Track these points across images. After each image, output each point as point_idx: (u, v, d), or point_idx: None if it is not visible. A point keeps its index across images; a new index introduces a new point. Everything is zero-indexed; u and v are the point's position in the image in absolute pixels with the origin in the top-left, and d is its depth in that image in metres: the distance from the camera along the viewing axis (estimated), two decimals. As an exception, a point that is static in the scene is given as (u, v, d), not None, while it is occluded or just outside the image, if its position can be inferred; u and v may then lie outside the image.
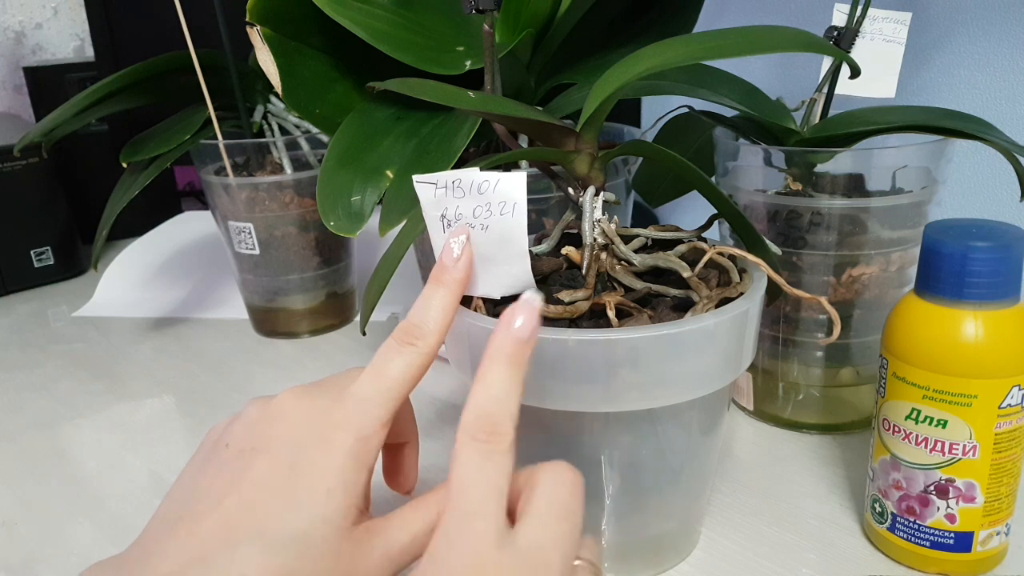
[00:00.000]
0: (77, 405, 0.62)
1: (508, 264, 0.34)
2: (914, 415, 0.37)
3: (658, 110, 0.61)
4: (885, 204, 0.46)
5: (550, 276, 0.38)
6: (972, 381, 0.35)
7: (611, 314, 0.34)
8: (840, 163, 0.47)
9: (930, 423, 0.36)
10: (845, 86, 0.50)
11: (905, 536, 0.39)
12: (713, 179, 0.53)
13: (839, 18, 0.49)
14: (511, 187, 0.32)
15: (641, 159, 0.62)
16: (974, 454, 0.36)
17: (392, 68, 0.47)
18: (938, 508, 0.37)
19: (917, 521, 0.38)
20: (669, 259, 0.36)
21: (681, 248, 0.38)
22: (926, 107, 0.49)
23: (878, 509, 0.40)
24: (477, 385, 0.28)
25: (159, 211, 0.96)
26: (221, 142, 0.65)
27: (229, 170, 0.66)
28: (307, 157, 0.68)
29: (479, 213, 0.33)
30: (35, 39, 1.12)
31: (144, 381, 0.65)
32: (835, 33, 0.49)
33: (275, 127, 0.69)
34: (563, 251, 0.38)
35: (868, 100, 0.50)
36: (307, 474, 0.28)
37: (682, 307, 0.36)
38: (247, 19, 0.50)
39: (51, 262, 0.89)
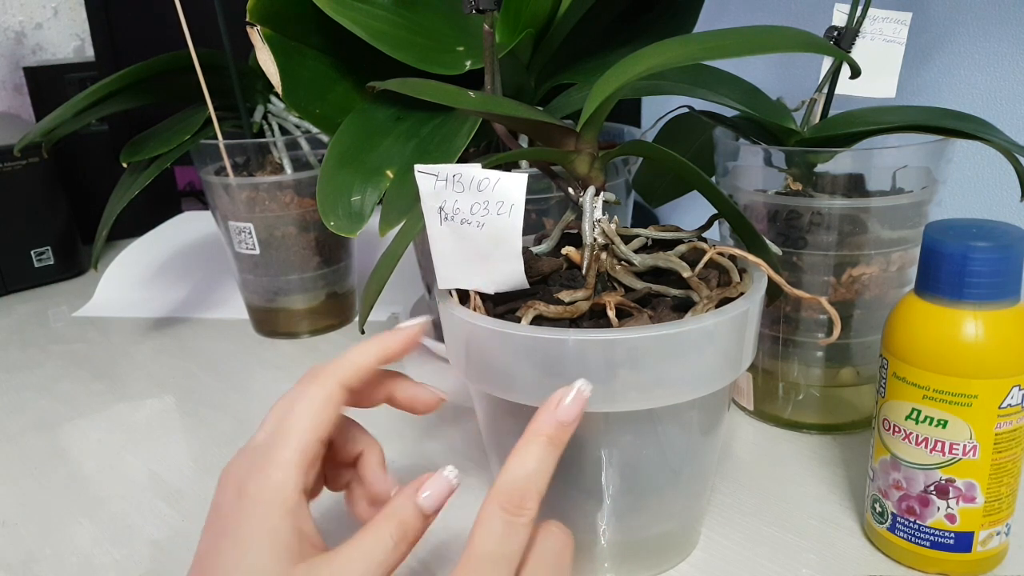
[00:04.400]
0: (77, 405, 0.62)
1: (502, 263, 0.34)
2: (914, 415, 0.37)
3: (658, 110, 0.61)
4: (885, 204, 0.46)
5: (550, 276, 0.38)
6: (972, 381, 0.35)
7: (611, 314, 0.35)
8: (840, 163, 0.47)
9: (930, 423, 0.36)
10: (845, 86, 0.50)
11: (905, 536, 0.39)
12: (713, 179, 0.53)
13: (839, 18, 0.49)
14: (510, 187, 0.32)
15: (641, 159, 0.62)
16: (974, 454, 0.36)
17: (392, 68, 0.47)
18: (938, 508, 0.37)
19: (917, 521, 0.38)
20: (669, 259, 0.36)
21: (681, 248, 0.38)
22: (926, 107, 0.49)
23: (878, 509, 0.40)
24: (515, 457, 0.31)
25: (159, 211, 0.96)
26: (221, 142, 0.65)
27: (229, 170, 0.66)
28: (307, 157, 0.68)
29: (476, 210, 0.33)
30: (35, 39, 1.12)
31: (144, 381, 0.65)
32: (835, 33, 0.49)
33: (275, 127, 0.69)
34: (563, 251, 0.38)
35: (868, 100, 0.50)
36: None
37: (682, 307, 0.36)
38: (247, 19, 0.50)
39: (51, 262, 0.89)
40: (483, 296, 0.36)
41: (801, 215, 0.47)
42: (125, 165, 0.65)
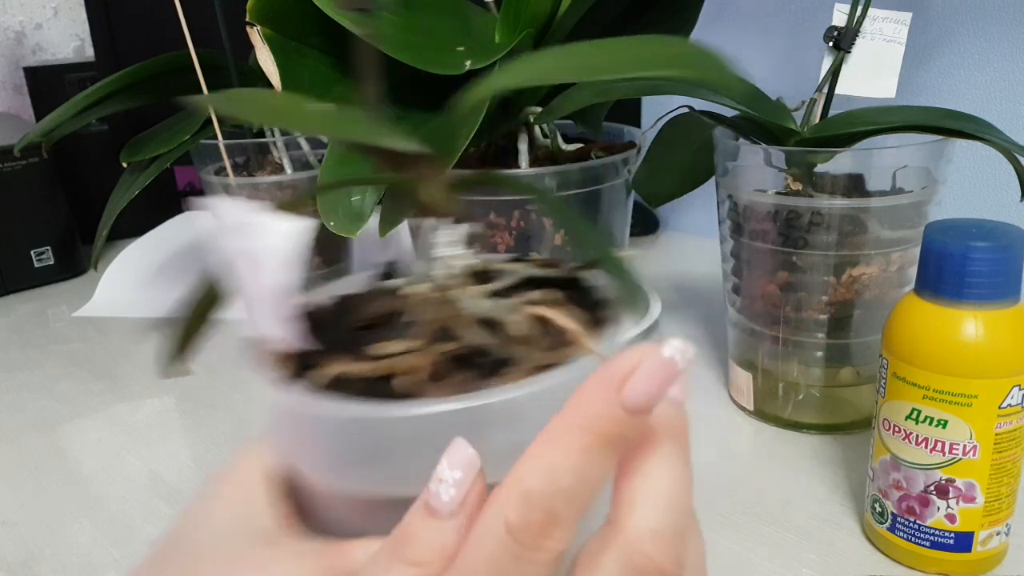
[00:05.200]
0: (77, 405, 0.62)
1: (269, 320, 0.27)
2: (914, 415, 0.37)
3: (658, 110, 0.61)
4: (885, 204, 0.46)
5: (384, 321, 0.29)
6: (972, 381, 0.35)
7: (414, 379, 0.25)
8: (840, 163, 0.47)
9: (930, 423, 0.36)
10: (845, 86, 0.50)
11: (905, 536, 0.39)
12: (713, 179, 0.54)
13: (839, 18, 0.49)
14: (277, 235, 0.27)
15: (641, 159, 0.62)
16: (974, 454, 0.36)
17: (392, 68, 0.47)
18: (938, 508, 0.37)
19: (917, 521, 0.38)
20: (498, 310, 0.28)
21: (535, 294, 0.29)
22: (926, 107, 0.49)
23: (878, 509, 0.40)
24: (540, 458, 0.19)
25: (159, 211, 0.96)
26: (221, 142, 0.65)
27: (229, 170, 0.66)
28: (307, 157, 0.68)
29: (245, 255, 0.28)
30: (35, 39, 1.12)
31: (144, 381, 0.65)
32: (835, 33, 0.49)
33: (275, 127, 0.69)
34: (399, 291, 0.31)
35: (868, 100, 0.50)
36: None
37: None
38: (247, 19, 0.50)
39: (51, 262, 0.89)
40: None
41: (801, 215, 0.47)
42: (125, 165, 0.65)
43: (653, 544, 0.19)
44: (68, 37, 1.14)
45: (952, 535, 0.38)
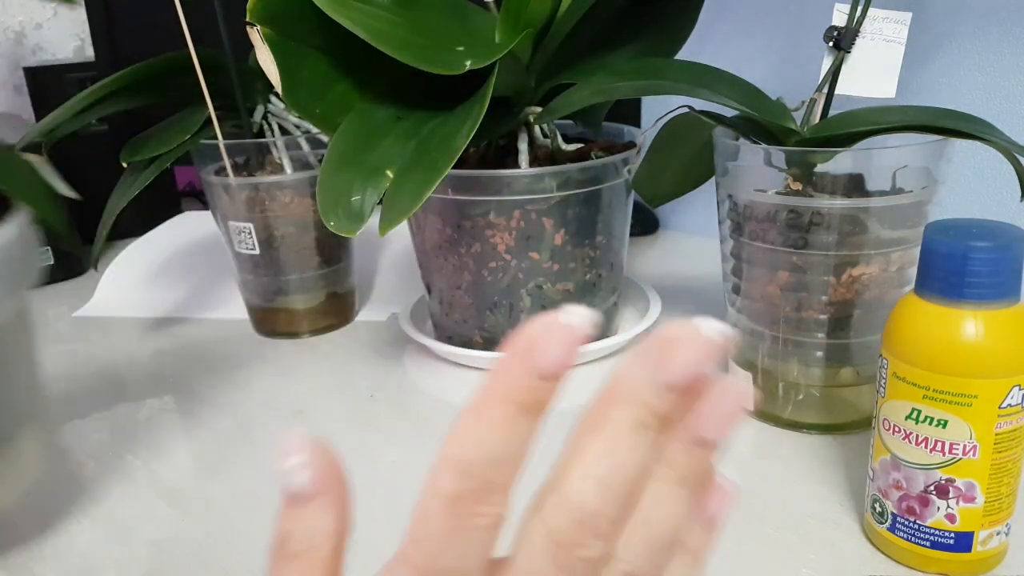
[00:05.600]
0: (77, 405, 0.62)
1: None
2: (914, 415, 0.37)
3: (658, 110, 0.61)
4: (885, 204, 0.46)
5: None
6: (972, 381, 0.35)
7: None
8: (840, 163, 0.47)
9: (930, 423, 0.36)
10: (845, 86, 0.50)
11: (905, 536, 0.39)
12: (713, 179, 0.54)
13: (839, 18, 0.49)
14: None
15: (641, 159, 0.62)
16: (974, 454, 0.36)
17: (392, 68, 0.48)
18: (938, 508, 0.37)
19: (917, 521, 0.38)
20: None
21: None
22: (926, 107, 0.49)
23: (878, 509, 0.40)
24: (470, 429, 0.20)
25: (159, 211, 0.95)
26: (221, 142, 0.65)
27: (229, 170, 0.66)
28: (307, 157, 0.68)
29: None
30: (35, 39, 1.12)
31: (144, 381, 0.65)
32: (835, 33, 0.49)
33: (275, 127, 0.69)
34: None
35: (868, 100, 0.50)
36: None
37: None
38: (247, 19, 0.50)
39: (51, 262, 0.89)
40: None
41: (801, 215, 0.47)
42: (125, 165, 0.65)
43: (577, 522, 0.20)
44: (68, 37, 1.14)
45: (952, 535, 0.38)
